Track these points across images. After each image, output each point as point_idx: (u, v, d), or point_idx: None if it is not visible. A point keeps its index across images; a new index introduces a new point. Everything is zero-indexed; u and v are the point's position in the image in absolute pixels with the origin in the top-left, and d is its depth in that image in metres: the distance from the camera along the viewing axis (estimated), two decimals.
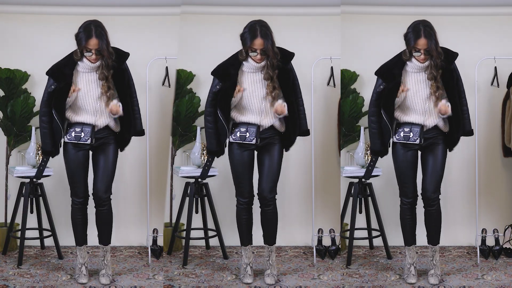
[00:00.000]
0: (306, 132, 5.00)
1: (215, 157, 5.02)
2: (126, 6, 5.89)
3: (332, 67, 5.81)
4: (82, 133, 4.77)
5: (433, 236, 4.97)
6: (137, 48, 5.85)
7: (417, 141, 4.81)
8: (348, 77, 5.81)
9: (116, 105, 4.77)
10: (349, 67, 5.83)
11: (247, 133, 4.83)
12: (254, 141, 4.83)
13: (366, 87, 5.88)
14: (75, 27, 5.20)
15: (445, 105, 4.74)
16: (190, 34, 5.90)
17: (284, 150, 4.95)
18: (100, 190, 4.86)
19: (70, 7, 5.89)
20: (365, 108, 5.82)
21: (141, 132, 5.00)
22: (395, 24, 5.83)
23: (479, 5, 5.89)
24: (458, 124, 4.82)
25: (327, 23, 5.86)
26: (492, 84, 5.79)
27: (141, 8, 5.95)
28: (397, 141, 4.85)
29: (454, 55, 4.83)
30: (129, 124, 4.88)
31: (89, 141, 4.77)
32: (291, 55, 4.87)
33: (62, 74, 4.73)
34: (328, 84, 5.86)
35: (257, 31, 4.73)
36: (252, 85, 4.83)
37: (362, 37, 5.89)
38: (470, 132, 4.93)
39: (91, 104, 4.78)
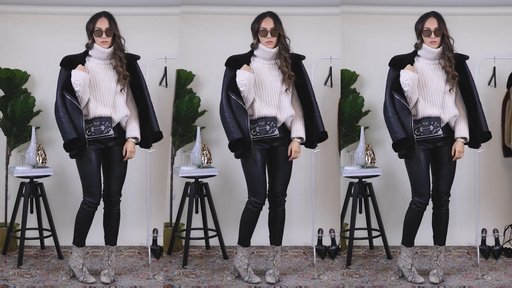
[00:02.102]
0: (322, 134, 4.94)
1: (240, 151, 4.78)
2: (126, 6, 5.88)
3: (330, 67, 5.81)
4: (102, 126, 4.75)
5: (442, 236, 4.97)
6: (137, 48, 5.84)
7: (440, 132, 4.76)
8: (348, 77, 5.81)
9: (133, 146, 4.82)
10: (349, 67, 5.83)
11: (267, 126, 4.81)
12: (276, 132, 4.79)
13: (366, 87, 5.89)
14: (75, 27, 5.21)
15: (460, 150, 4.78)
16: (190, 34, 5.90)
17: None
18: (114, 192, 4.87)
19: (70, 7, 5.89)
20: (365, 108, 5.82)
21: (158, 134, 4.95)
22: (395, 24, 5.85)
23: (479, 5, 5.89)
24: (475, 122, 4.80)
25: (327, 23, 5.86)
26: (489, 84, 5.79)
27: (141, 8, 5.95)
28: (418, 138, 4.78)
29: (465, 56, 4.87)
30: (146, 121, 4.85)
31: (111, 132, 4.74)
32: (302, 56, 4.92)
33: (73, 63, 4.72)
34: (325, 84, 5.86)
35: (266, 13, 4.81)
36: (267, 76, 4.81)
37: (362, 37, 5.89)
38: (487, 134, 4.85)
39: (107, 95, 4.76)
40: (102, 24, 4.74)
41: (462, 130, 4.83)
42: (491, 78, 5.77)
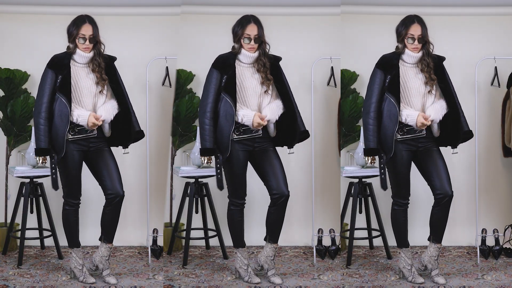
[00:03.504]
0: (304, 134, 4.97)
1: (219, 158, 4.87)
2: (126, 6, 5.89)
3: (332, 67, 5.81)
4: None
5: (441, 234, 4.96)
6: (137, 48, 5.86)
7: (423, 132, 4.80)
8: (348, 77, 5.81)
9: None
10: (349, 67, 5.83)
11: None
12: (260, 132, 4.83)
13: (366, 87, 5.88)
14: None
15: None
16: (190, 34, 5.90)
17: (287, 149, 4.98)
18: (120, 186, 4.84)
19: (70, 7, 5.89)
20: None
21: (139, 133, 4.97)
22: (395, 24, 5.84)
23: (479, 5, 5.89)
24: (457, 120, 4.83)
25: (327, 23, 5.86)
26: (492, 84, 5.78)
27: (141, 8, 5.95)
28: (402, 138, 4.82)
29: (442, 58, 4.90)
30: (128, 120, 4.87)
31: (94, 132, 4.78)
32: (278, 57, 4.93)
33: (62, 65, 4.76)
34: (328, 84, 5.86)
35: (250, 18, 4.83)
36: (249, 80, 4.85)
37: (362, 37, 5.89)
38: (468, 133, 4.91)
39: (89, 98, 4.79)
40: (86, 31, 4.76)
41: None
42: (493, 78, 5.76)
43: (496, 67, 5.73)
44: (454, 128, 4.86)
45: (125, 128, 4.90)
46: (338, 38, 5.75)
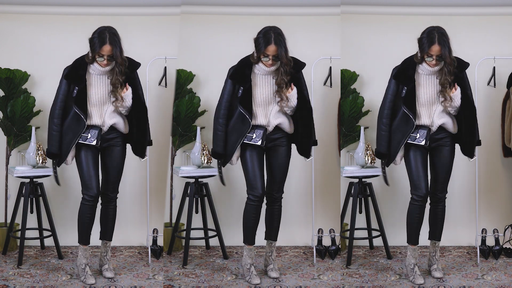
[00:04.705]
0: (314, 143, 5.10)
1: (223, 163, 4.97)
2: (126, 6, 5.89)
3: (330, 67, 5.81)
4: (89, 134, 4.83)
5: (438, 232, 5.03)
6: (137, 48, 5.83)
7: (423, 143, 4.84)
8: (348, 77, 5.81)
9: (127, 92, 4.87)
10: (349, 67, 5.83)
11: (254, 134, 4.88)
12: (259, 143, 4.87)
13: (366, 87, 5.89)
14: (76, 27, 5.21)
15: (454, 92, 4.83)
16: (190, 34, 5.90)
17: (292, 152, 5.03)
18: (109, 189, 4.97)
19: (70, 7, 5.89)
20: (365, 108, 5.82)
21: (149, 143, 5.08)
22: (395, 24, 5.86)
23: (479, 5, 5.89)
24: (473, 131, 4.90)
25: (327, 23, 5.86)
26: (488, 84, 5.78)
27: (141, 8, 5.95)
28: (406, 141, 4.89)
29: (466, 64, 4.90)
30: (145, 131, 4.97)
31: (94, 143, 4.82)
32: (302, 64, 4.94)
33: (78, 76, 4.81)
34: (324, 84, 5.86)
35: (271, 38, 4.78)
36: (261, 87, 4.89)
37: (362, 37, 5.89)
38: (478, 143, 5.03)
39: (99, 106, 4.85)
40: (105, 51, 4.76)
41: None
42: (490, 78, 5.76)
43: (494, 67, 5.73)
44: (470, 139, 4.92)
45: (142, 140, 4.99)
46: (338, 38, 5.75)
